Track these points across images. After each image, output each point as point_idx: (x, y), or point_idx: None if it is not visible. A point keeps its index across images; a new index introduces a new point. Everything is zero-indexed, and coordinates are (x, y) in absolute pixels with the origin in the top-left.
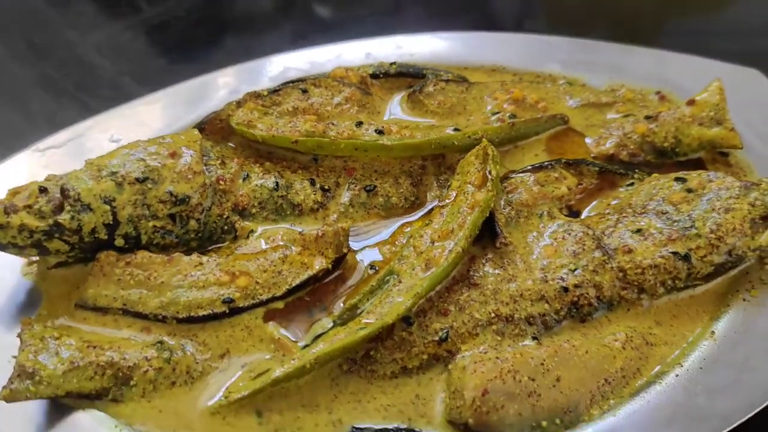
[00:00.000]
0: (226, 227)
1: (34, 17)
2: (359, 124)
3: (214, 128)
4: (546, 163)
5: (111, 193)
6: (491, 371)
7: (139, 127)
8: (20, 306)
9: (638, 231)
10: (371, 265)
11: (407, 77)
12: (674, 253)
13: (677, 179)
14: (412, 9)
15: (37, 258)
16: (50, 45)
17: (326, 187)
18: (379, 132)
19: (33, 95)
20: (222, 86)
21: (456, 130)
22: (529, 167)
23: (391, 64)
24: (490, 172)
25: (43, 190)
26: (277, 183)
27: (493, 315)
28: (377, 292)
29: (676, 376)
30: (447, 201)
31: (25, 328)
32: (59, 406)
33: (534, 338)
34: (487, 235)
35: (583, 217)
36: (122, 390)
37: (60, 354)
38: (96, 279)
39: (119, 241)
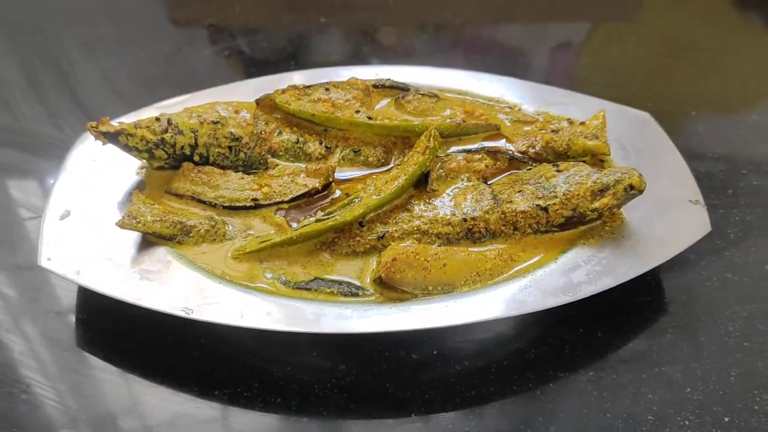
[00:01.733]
0: (261, 161)
1: (162, 34)
2: (357, 111)
3: (266, 104)
4: (473, 148)
5: (196, 127)
6: (401, 250)
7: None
8: (132, 191)
9: (520, 191)
10: (346, 193)
11: (397, 89)
12: (537, 205)
13: (554, 165)
14: (453, 63)
15: (146, 163)
16: (172, 54)
17: (329, 146)
18: (369, 118)
19: (158, 83)
20: (281, 83)
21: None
22: (462, 149)
23: (387, 79)
24: (429, 145)
25: (157, 119)
26: (298, 139)
27: (415, 229)
28: (346, 207)
29: (523, 277)
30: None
31: (135, 195)
32: (147, 241)
33: (439, 246)
34: (424, 185)
35: (489, 183)
36: (184, 238)
37: (152, 211)
38: (179, 177)
39: (196, 158)
